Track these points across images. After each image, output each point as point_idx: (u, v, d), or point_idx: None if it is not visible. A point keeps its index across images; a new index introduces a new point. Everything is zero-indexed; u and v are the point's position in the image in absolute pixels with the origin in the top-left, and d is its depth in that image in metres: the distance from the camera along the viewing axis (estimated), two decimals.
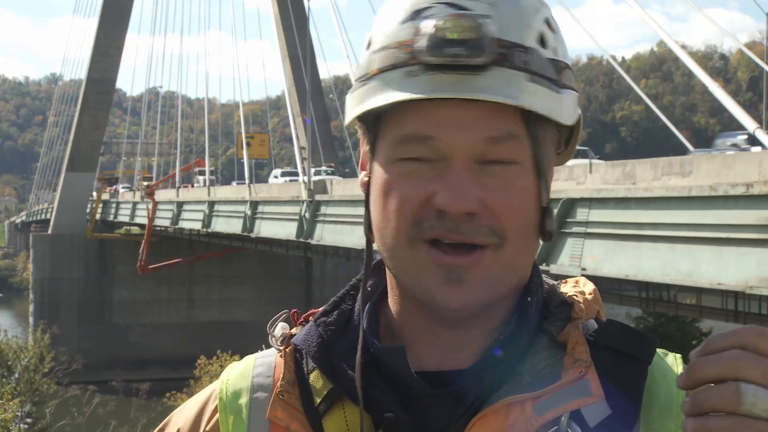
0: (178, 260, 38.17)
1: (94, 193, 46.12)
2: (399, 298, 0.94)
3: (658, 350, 0.92)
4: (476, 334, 0.91)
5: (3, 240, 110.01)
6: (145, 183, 44.55)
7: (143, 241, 37.02)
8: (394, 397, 0.89)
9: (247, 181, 29.55)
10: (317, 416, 0.91)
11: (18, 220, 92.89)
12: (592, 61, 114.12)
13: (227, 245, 34.33)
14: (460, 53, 0.82)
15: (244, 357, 1.02)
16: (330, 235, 20.68)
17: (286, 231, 23.15)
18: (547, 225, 0.91)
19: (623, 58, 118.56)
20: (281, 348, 0.97)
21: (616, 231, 11.57)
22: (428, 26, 0.84)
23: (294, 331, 0.99)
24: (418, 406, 0.89)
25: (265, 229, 25.31)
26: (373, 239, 0.94)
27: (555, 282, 0.99)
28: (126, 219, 42.75)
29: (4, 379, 24.11)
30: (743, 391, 0.70)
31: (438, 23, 0.83)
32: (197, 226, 31.93)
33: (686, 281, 10.69)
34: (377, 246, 0.93)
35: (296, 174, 31.85)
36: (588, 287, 0.97)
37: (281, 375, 0.94)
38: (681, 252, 10.49)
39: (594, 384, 0.86)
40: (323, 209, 21.14)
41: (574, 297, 0.95)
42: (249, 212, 25.71)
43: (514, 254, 0.88)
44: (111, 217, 45.01)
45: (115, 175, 58.54)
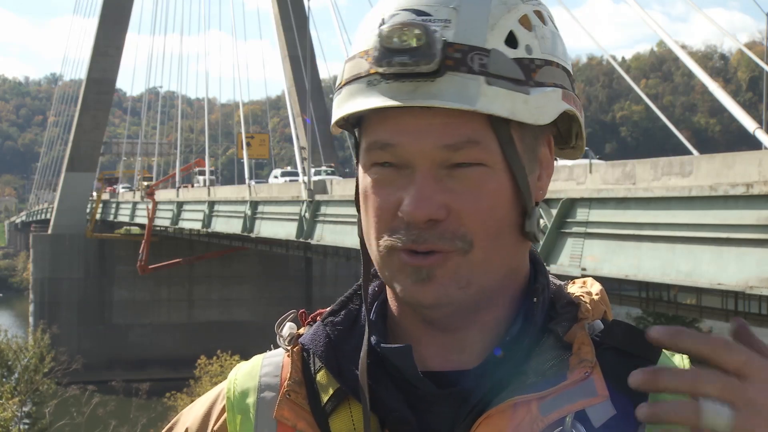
0: (178, 260, 38.16)
1: (94, 193, 46.09)
2: (396, 300, 0.95)
3: (664, 350, 0.91)
4: (477, 335, 0.92)
5: (3, 240, 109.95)
6: (145, 183, 44.53)
7: (143, 241, 37.01)
8: (400, 396, 0.89)
9: (247, 181, 29.54)
10: (324, 416, 0.92)
11: (18, 220, 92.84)
12: (592, 61, 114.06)
13: (227, 245, 34.32)
14: (405, 62, 0.83)
15: (244, 357, 1.03)
16: (330, 235, 20.69)
17: (286, 231, 23.15)
18: (526, 226, 0.90)
19: (623, 58, 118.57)
20: (289, 348, 0.98)
21: (616, 231, 11.57)
22: (379, 37, 0.84)
23: (302, 330, 0.99)
24: (423, 406, 0.89)
25: (265, 229, 25.30)
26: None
27: (562, 282, 0.99)
28: (126, 219, 42.73)
29: (4, 379, 24.10)
30: (703, 407, 0.72)
31: (386, 33, 0.84)
32: (197, 226, 31.93)
33: (686, 281, 10.69)
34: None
35: (296, 174, 31.85)
36: (595, 288, 0.97)
37: (288, 374, 0.95)
38: (681, 252, 10.49)
39: (599, 384, 0.87)
40: (323, 209, 21.14)
41: (581, 297, 0.95)
42: (249, 212, 25.71)
43: (484, 257, 0.87)
44: (111, 217, 44.99)
45: (115, 175, 58.49)
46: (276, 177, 38.42)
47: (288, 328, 0.99)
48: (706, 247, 10.12)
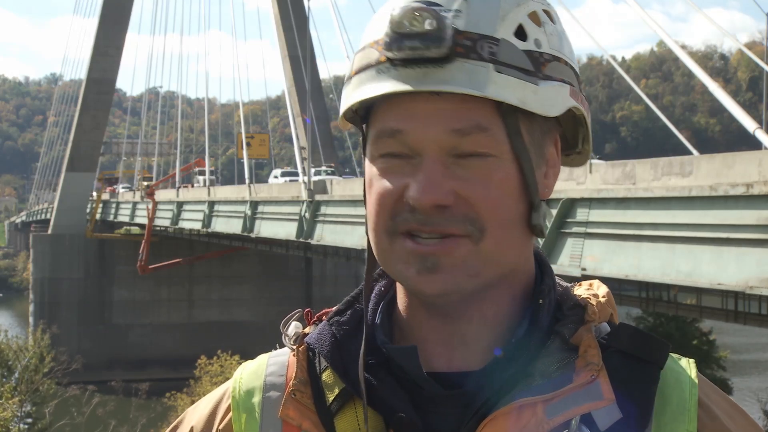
0: (178, 260, 38.15)
1: (94, 193, 46.09)
2: (404, 294, 0.95)
3: (671, 354, 0.92)
4: (479, 329, 0.91)
5: (3, 240, 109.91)
6: (145, 183, 44.53)
7: (143, 241, 37.01)
8: (405, 397, 0.89)
9: (247, 181, 29.55)
10: (329, 415, 0.92)
11: (18, 220, 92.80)
12: (592, 61, 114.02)
13: (227, 245, 34.31)
14: (416, 46, 0.83)
15: (245, 357, 1.03)
16: (330, 235, 20.68)
17: (286, 231, 23.15)
18: (533, 219, 0.90)
19: (623, 58, 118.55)
20: (294, 347, 0.98)
21: (616, 231, 11.56)
22: (390, 23, 0.85)
23: (307, 330, 0.99)
24: (428, 407, 0.89)
25: (265, 229, 25.30)
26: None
27: (569, 284, 0.99)
28: (126, 219, 42.73)
29: (4, 379, 24.08)
30: None
31: (397, 18, 0.84)
32: (197, 226, 31.92)
33: (686, 281, 10.68)
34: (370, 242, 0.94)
35: (296, 174, 31.84)
36: (602, 290, 0.97)
37: (294, 374, 0.95)
38: (681, 252, 10.49)
39: (605, 387, 0.86)
40: (323, 209, 21.14)
41: (588, 300, 0.94)
42: (249, 212, 25.71)
43: (495, 247, 0.87)
44: (111, 217, 44.98)
45: (115, 175, 58.47)
46: (276, 177, 38.41)
47: (293, 328, 0.99)
48: (706, 247, 10.12)
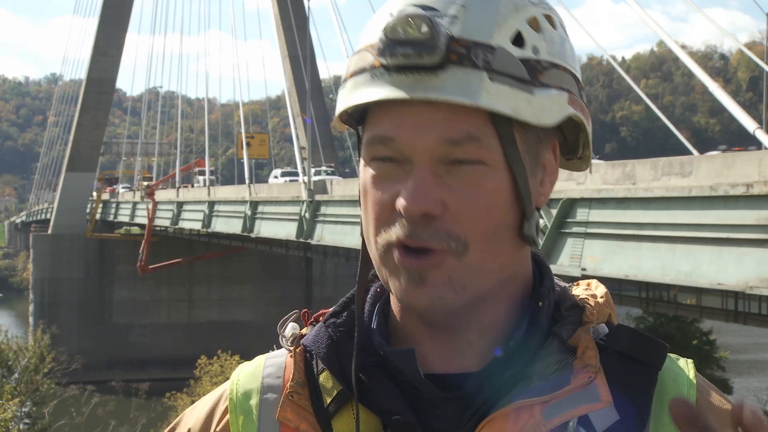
0: (178, 260, 38.16)
1: (94, 193, 46.11)
2: (397, 300, 0.94)
3: (669, 355, 0.91)
4: (478, 337, 0.91)
5: (3, 240, 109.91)
6: (145, 183, 44.56)
7: (143, 241, 37.02)
8: (402, 399, 0.89)
9: (247, 181, 29.55)
10: (327, 417, 0.91)
11: (18, 220, 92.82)
12: (592, 61, 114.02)
13: (227, 245, 34.33)
14: (409, 53, 0.82)
15: (245, 357, 1.03)
16: (330, 235, 20.69)
17: (286, 231, 23.15)
18: (525, 229, 0.89)
19: (623, 58, 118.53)
20: (291, 348, 0.97)
21: (616, 231, 11.56)
22: (384, 29, 0.84)
23: (304, 331, 0.99)
24: (426, 409, 0.89)
25: (265, 229, 25.31)
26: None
27: (567, 284, 0.98)
28: (126, 219, 42.75)
29: (4, 379, 24.08)
30: None
31: (391, 25, 0.83)
32: (197, 226, 31.93)
33: (686, 281, 10.68)
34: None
35: (296, 174, 31.84)
36: (600, 290, 0.96)
37: (291, 376, 0.95)
38: (681, 252, 10.49)
39: (603, 389, 0.86)
40: (323, 209, 21.14)
41: (586, 300, 0.94)
42: (249, 212, 25.71)
43: (480, 259, 0.86)
44: (111, 217, 45.00)
45: (115, 175, 58.51)
46: (276, 177, 38.42)
47: (291, 329, 0.99)
48: (706, 247, 10.12)
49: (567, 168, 1.01)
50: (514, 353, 0.89)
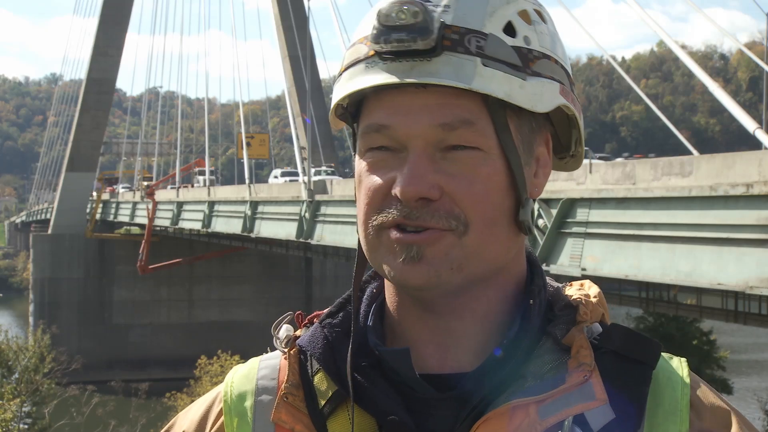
0: (178, 260, 38.16)
1: (94, 193, 46.12)
2: (394, 294, 0.95)
3: (663, 354, 0.92)
4: (472, 329, 0.91)
5: (3, 240, 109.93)
6: (145, 183, 44.57)
7: (143, 241, 37.03)
8: (397, 399, 0.89)
9: (247, 181, 29.56)
10: (322, 418, 0.91)
11: (18, 220, 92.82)
12: (592, 61, 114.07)
13: (227, 245, 34.33)
14: (403, 38, 0.84)
15: (245, 357, 1.02)
16: (330, 235, 20.69)
17: (286, 231, 23.16)
18: (520, 215, 0.90)
19: (623, 58, 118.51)
20: (286, 350, 0.97)
21: (616, 231, 11.57)
22: (377, 16, 0.85)
23: (299, 332, 0.99)
24: (421, 409, 0.89)
25: (265, 229, 25.31)
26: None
27: (560, 284, 0.98)
28: (126, 219, 42.76)
29: (4, 379, 24.09)
30: None
31: (384, 11, 0.85)
32: (197, 226, 31.94)
33: (686, 281, 10.69)
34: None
35: (296, 174, 31.85)
36: (593, 290, 0.96)
37: (286, 377, 0.94)
38: (681, 252, 10.49)
39: (598, 388, 0.86)
40: (323, 209, 21.15)
41: (579, 300, 0.94)
42: (249, 212, 25.72)
43: (480, 242, 0.87)
44: (111, 217, 45.01)
45: (115, 175, 58.51)
46: (276, 177, 38.42)
47: (285, 330, 0.99)
48: (706, 247, 10.13)
49: (560, 169, 1.01)
50: (508, 352, 0.89)
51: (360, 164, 0.91)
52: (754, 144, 11.74)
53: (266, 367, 0.98)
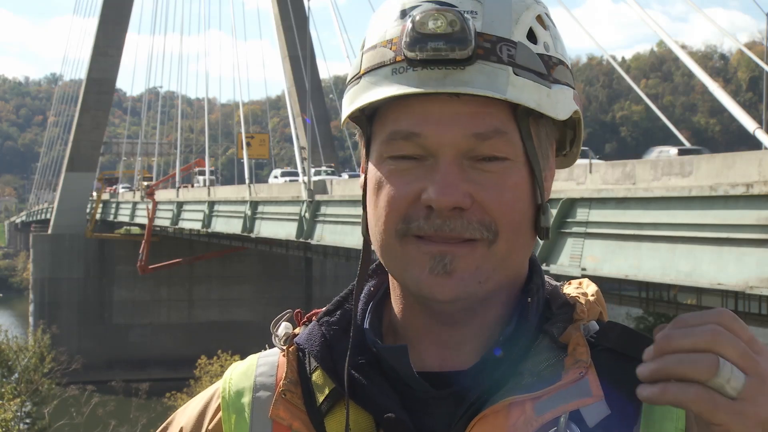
0: (178, 260, 38.16)
1: (94, 193, 46.12)
2: (400, 297, 0.95)
3: None
4: (475, 331, 0.91)
5: (3, 240, 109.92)
6: (145, 183, 44.57)
7: (143, 241, 37.03)
8: (395, 397, 0.89)
9: (247, 181, 29.56)
10: (319, 415, 0.91)
11: (18, 220, 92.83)
12: (592, 61, 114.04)
13: (227, 245, 34.34)
14: (440, 47, 0.83)
15: (244, 357, 1.02)
16: (330, 235, 20.69)
17: (286, 231, 23.15)
18: (542, 221, 0.90)
19: (623, 58, 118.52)
20: (284, 347, 0.97)
21: (616, 231, 11.57)
22: (412, 23, 0.84)
23: (297, 330, 0.99)
24: (419, 407, 0.89)
25: (265, 229, 25.31)
26: (371, 240, 0.94)
27: (558, 283, 0.99)
28: (126, 219, 42.76)
29: (4, 379, 24.10)
30: (722, 364, 0.69)
31: (419, 18, 0.84)
32: (197, 226, 31.94)
33: (686, 281, 10.69)
34: (372, 244, 0.93)
35: (296, 174, 31.85)
36: (591, 289, 0.97)
37: (284, 374, 0.95)
38: (681, 252, 10.49)
39: (594, 385, 0.86)
40: (323, 209, 21.14)
41: (577, 298, 0.95)
42: (249, 212, 25.72)
43: (507, 250, 0.88)
44: (111, 217, 45.02)
45: (115, 175, 58.53)
46: (276, 177, 38.42)
47: (283, 328, 0.99)
48: (706, 247, 10.12)
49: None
50: (505, 350, 0.89)
51: (378, 170, 0.89)
52: (754, 144, 11.75)
53: (264, 364, 0.98)
